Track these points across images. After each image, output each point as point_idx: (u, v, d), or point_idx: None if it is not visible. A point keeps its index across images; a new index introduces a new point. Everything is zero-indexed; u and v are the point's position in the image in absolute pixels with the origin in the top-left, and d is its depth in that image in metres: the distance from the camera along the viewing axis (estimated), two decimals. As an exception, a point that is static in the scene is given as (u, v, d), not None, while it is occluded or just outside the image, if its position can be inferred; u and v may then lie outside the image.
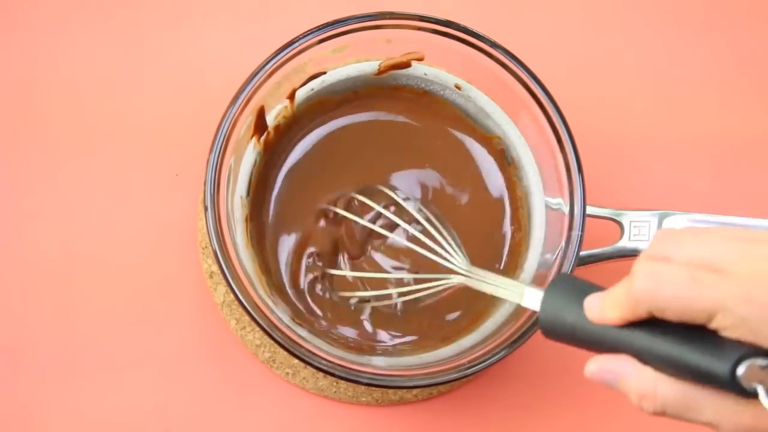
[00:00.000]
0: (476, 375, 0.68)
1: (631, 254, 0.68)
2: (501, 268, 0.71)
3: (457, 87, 0.71)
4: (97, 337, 0.72)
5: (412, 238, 0.69)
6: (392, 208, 0.70)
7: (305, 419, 0.72)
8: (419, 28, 0.68)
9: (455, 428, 0.73)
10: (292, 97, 0.70)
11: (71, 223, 0.73)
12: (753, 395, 0.44)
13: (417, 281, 0.68)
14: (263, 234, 0.70)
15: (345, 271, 0.70)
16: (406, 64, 0.71)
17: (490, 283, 0.61)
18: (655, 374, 0.48)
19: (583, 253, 0.66)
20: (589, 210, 0.67)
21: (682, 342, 0.46)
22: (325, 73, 0.70)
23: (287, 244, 0.71)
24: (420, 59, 0.70)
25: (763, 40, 0.79)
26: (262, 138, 0.70)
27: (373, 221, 0.70)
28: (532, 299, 0.56)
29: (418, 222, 0.69)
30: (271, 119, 0.69)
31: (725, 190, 0.77)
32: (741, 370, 0.44)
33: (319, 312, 0.70)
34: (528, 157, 0.71)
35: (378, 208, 0.69)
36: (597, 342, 0.50)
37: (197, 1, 0.77)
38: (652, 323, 0.47)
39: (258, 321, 0.64)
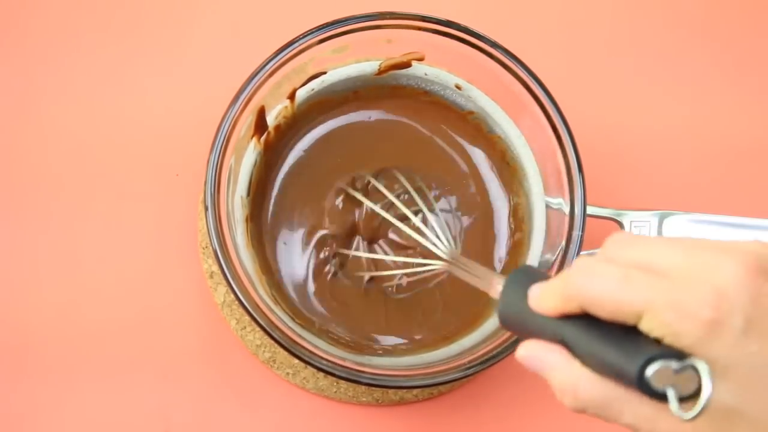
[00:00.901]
0: (476, 375, 0.68)
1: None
2: (501, 268, 0.71)
3: (458, 87, 0.71)
4: (97, 336, 0.72)
5: (412, 227, 0.69)
6: (401, 196, 0.71)
7: (305, 419, 0.72)
8: (420, 28, 0.67)
9: (455, 428, 0.73)
10: (292, 97, 0.70)
11: (72, 223, 0.73)
12: (665, 399, 0.43)
13: (406, 266, 0.69)
14: (264, 234, 0.70)
15: (348, 251, 0.71)
16: (407, 64, 0.71)
17: (469, 272, 0.60)
18: (582, 370, 0.47)
19: (583, 253, 0.66)
20: (590, 210, 0.67)
21: (610, 340, 0.45)
22: (325, 73, 0.70)
23: (291, 236, 0.71)
24: (420, 59, 0.70)
25: (763, 40, 0.79)
26: (263, 138, 0.70)
27: (386, 206, 0.70)
28: (498, 290, 0.54)
29: (420, 210, 0.69)
30: (271, 119, 0.69)
31: (725, 190, 0.77)
32: (650, 370, 0.43)
33: (320, 306, 0.70)
34: (528, 157, 0.71)
35: (390, 196, 0.70)
36: (537, 332, 0.49)
37: (197, 1, 0.77)
38: (589, 318, 0.46)
39: (258, 321, 0.64)
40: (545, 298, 0.48)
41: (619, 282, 0.45)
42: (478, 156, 0.73)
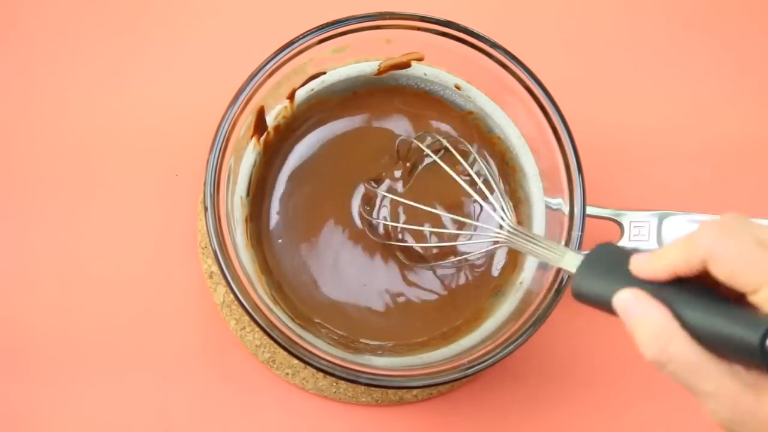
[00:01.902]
0: (476, 375, 0.68)
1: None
2: (501, 267, 0.71)
3: (457, 87, 0.71)
4: (97, 337, 0.72)
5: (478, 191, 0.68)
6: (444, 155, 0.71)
7: (305, 419, 0.72)
8: (419, 29, 0.67)
9: (455, 428, 0.73)
10: (291, 97, 0.70)
11: (72, 223, 0.73)
12: None
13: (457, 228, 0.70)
14: (263, 234, 0.70)
15: (398, 197, 0.71)
16: (406, 65, 0.71)
17: (534, 242, 0.61)
18: (681, 329, 0.47)
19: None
20: (589, 210, 0.67)
21: (720, 308, 0.46)
22: (324, 73, 0.70)
23: (292, 235, 0.71)
24: (420, 59, 0.70)
25: (763, 41, 0.79)
26: (262, 138, 0.70)
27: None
28: (571, 262, 0.56)
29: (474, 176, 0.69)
30: (270, 119, 0.69)
31: (725, 190, 0.77)
32: None
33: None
34: (528, 158, 0.71)
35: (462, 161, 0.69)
36: None
37: (197, 1, 0.77)
38: (688, 287, 0.47)
39: (257, 321, 0.64)
40: (659, 258, 0.49)
41: (753, 246, 0.46)
42: (477, 156, 0.73)
